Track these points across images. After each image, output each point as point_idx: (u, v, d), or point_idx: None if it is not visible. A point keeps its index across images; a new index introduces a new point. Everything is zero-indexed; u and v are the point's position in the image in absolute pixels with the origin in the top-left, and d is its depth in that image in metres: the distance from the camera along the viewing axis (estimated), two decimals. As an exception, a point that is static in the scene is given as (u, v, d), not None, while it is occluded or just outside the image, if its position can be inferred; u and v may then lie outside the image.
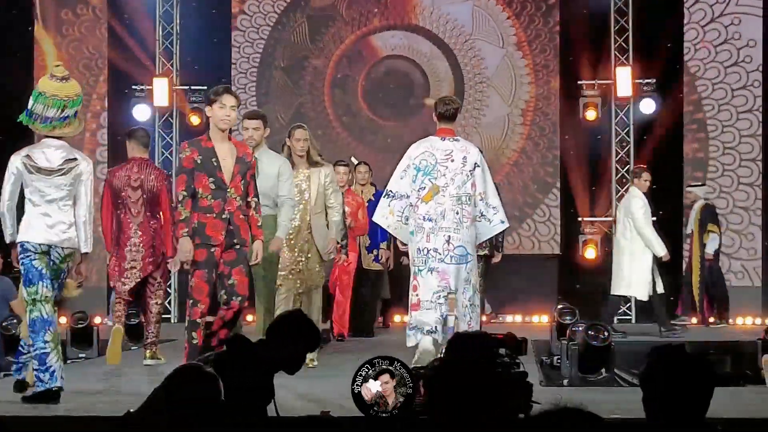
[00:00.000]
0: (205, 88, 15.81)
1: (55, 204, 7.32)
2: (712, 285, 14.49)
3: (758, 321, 14.84)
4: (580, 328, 9.21)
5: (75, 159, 7.42)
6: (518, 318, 15.71)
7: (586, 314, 13.03)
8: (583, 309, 12.75)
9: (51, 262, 7.30)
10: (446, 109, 9.09)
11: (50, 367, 7.10)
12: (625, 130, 15.91)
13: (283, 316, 5.64)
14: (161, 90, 15.74)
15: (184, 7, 16.19)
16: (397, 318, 15.22)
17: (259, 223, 8.08)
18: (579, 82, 15.82)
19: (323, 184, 9.61)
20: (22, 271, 7.31)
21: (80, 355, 10.66)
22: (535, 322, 15.52)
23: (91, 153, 15.64)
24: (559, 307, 11.35)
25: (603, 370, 8.85)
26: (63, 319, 10.98)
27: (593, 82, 15.72)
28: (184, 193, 7.78)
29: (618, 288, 13.00)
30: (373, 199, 12.61)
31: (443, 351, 5.07)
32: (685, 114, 15.85)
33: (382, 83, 16.76)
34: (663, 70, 15.78)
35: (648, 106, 15.63)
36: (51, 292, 7.24)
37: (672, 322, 13.20)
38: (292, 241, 9.43)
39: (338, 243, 10.22)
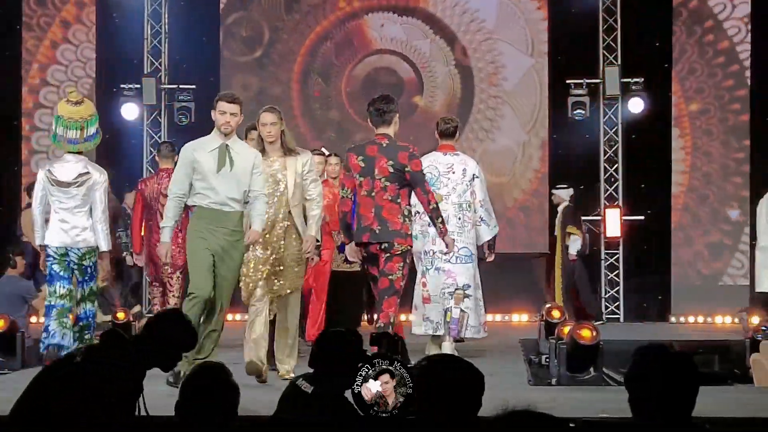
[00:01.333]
0: (194, 87, 15.81)
1: (71, 211, 8.75)
2: (572, 286, 14.50)
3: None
4: (569, 327, 9.22)
5: (88, 172, 8.79)
6: (506, 317, 15.71)
7: (574, 313, 13.08)
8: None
9: (71, 262, 8.78)
10: (446, 127, 10.01)
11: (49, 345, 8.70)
12: (614, 129, 15.92)
13: (160, 314, 5.65)
14: (150, 89, 15.71)
15: (172, 5, 16.15)
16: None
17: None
18: (567, 81, 15.81)
19: (301, 173, 8.61)
20: (46, 272, 8.86)
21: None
22: (523, 320, 15.52)
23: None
24: (548, 305, 11.36)
25: (591, 369, 8.87)
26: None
27: (581, 81, 15.71)
28: None
29: (761, 285, 12.92)
30: None
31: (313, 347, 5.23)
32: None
33: (368, 81, 16.34)
34: (651, 69, 15.81)
35: (636, 105, 15.64)
36: (66, 290, 8.76)
37: None
38: (267, 237, 8.52)
39: (317, 241, 9.04)
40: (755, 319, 11.16)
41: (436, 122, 10.30)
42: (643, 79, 15.59)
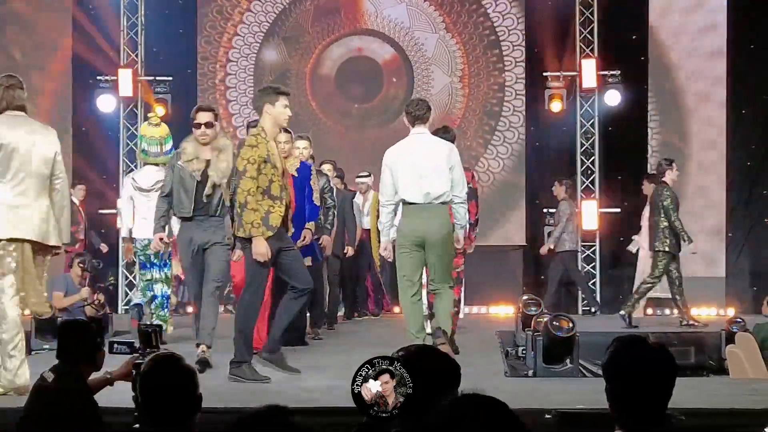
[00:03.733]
0: (171, 78, 15.76)
1: (151, 210, 9.66)
2: None
3: (722, 312, 14.94)
4: (545, 319, 9.25)
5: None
6: (483, 309, 15.73)
7: (551, 305, 13.10)
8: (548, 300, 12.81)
9: (151, 253, 10.33)
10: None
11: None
12: (590, 122, 15.97)
13: None
14: (126, 81, 15.68)
15: (148, -3, 16.13)
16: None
17: None
18: (544, 74, 15.86)
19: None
20: (137, 261, 10.80)
21: (44, 347, 10.59)
22: (500, 313, 15.54)
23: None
24: (524, 298, 11.38)
25: (567, 361, 8.90)
26: (27, 311, 10.92)
27: (558, 73, 15.76)
28: None
29: None
30: (296, 174, 9.99)
31: None
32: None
33: (342, 72, 16.16)
34: (628, 61, 15.86)
35: (613, 98, 15.70)
36: (160, 274, 10.48)
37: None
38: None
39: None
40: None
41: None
42: (619, 72, 15.64)
